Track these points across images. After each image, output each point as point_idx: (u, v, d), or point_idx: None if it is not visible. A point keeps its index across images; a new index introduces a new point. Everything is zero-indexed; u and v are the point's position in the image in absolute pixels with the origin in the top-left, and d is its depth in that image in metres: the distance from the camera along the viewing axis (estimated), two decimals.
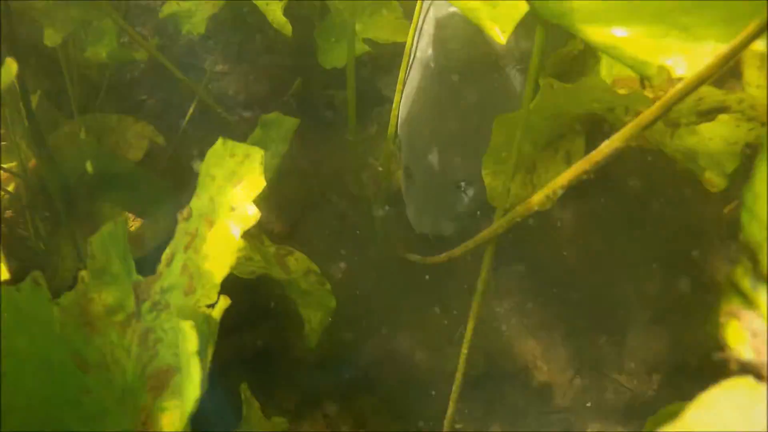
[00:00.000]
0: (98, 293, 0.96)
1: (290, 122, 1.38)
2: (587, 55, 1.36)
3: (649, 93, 1.05)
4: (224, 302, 0.87)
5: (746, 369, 0.51)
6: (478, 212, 1.57)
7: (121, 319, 0.96)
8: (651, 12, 0.75)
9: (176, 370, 0.92)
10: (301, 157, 1.82)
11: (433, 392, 1.52)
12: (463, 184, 1.50)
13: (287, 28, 1.49)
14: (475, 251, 1.19)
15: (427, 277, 1.63)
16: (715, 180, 1.11)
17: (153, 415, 0.92)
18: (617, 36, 0.78)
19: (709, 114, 0.97)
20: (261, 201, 1.43)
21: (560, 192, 0.92)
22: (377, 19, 1.77)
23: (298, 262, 1.38)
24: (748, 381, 0.45)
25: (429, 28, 1.52)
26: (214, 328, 0.80)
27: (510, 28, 0.96)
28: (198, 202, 1.00)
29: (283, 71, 2.06)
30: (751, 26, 0.59)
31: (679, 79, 0.74)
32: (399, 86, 1.53)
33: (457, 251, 1.23)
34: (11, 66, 0.75)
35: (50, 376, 0.90)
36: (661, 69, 0.77)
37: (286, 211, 1.71)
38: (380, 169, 1.60)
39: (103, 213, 1.64)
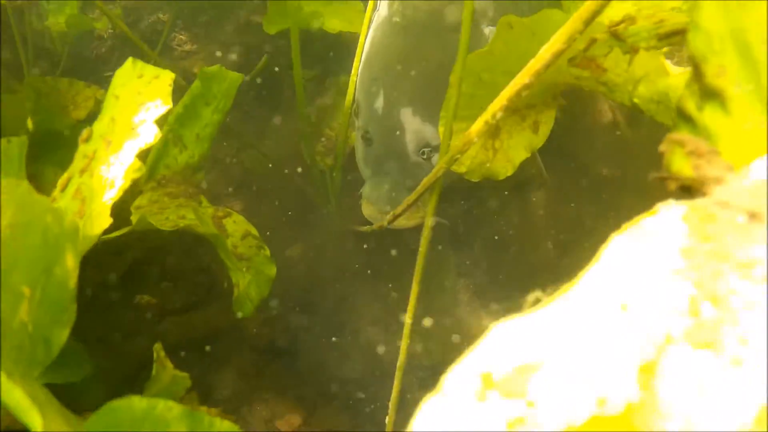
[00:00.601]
0: None
1: (233, 77, 1.29)
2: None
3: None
4: (104, 219, 0.78)
5: (684, 188, 0.46)
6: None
7: None
8: None
9: None
10: (256, 129, 1.75)
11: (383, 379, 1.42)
12: (426, 150, 1.35)
13: None
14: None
15: (379, 247, 1.54)
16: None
17: None
18: None
19: (670, 36, 0.88)
20: (204, 164, 1.37)
21: (500, 115, 0.83)
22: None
23: (236, 224, 1.29)
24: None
25: None
26: (70, 231, 0.70)
27: None
28: (99, 124, 0.91)
29: (251, 51, 2.00)
30: None
31: None
32: (360, 47, 1.46)
33: (399, 209, 1.14)
34: None
35: None
36: None
37: (231, 175, 1.63)
38: (326, 141, 1.52)
39: (46, 174, 1.56)
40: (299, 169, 1.61)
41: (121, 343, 1.35)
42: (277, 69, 1.87)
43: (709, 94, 0.50)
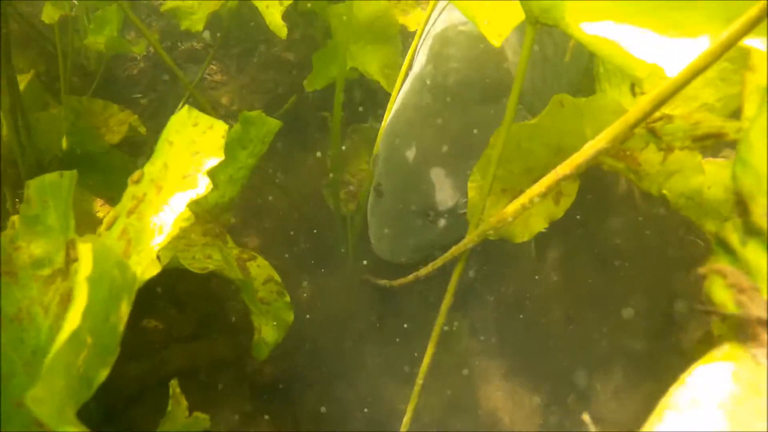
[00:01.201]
0: (27, 242, 0.89)
1: (272, 123, 1.33)
2: None
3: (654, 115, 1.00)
4: (153, 267, 0.81)
5: (730, 323, 0.48)
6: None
7: (47, 275, 0.89)
8: (643, 7, 0.71)
9: None
10: (283, 171, 1.78)
11: None
12: (432, 213, 1.37)
13: (283, 31, 1.48)
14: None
15: (395, 300, 1.57)
16: (714, 230, 1.05)
17: None
18: (607, 30, 0.74)
19: (704, 139, 0.92)
20: (233, 205, 1.40)
21: (537, 200, 0.87)
22: (370, 52, 1.75)
23: (260, 268, 1.32)
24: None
25: (432, 43, 1.48)
26: (130, 282, 0.74)
27: (506, 31, 0.93)
28: (151, 167, 0.94)
29: (280, 88, 2.04)
30: (747, 16, 0.54)
31: None
32: (392, 100, 1.49)
33: (423, 271, 1.18)
34: None
35: None
36: (653, 71, 0.73)
37: (259, 219, 1.66)
38: (351, 188, 1.55)
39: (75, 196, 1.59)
40: (320, 211, 1.65)
41: (124, 364, 1.37)
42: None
43: (754, 232, 0.53)
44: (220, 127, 0.94)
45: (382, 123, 1.49)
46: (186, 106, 0.97)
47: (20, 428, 0.87)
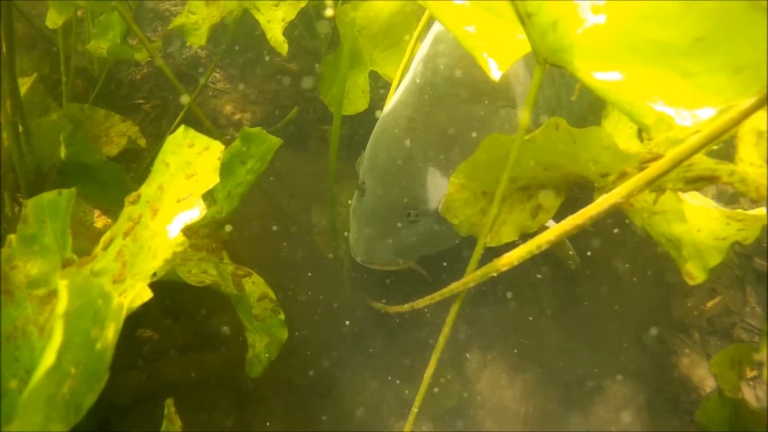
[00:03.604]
0: (24, 262, 0.90)
1: (273, 141, 1.33)
2: None
3: (645, 148, 1.00)
4: (144, 294, 0.81)
5: None
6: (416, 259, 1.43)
7: (42, 294, 0.90)
8: (651, 54, 0.71)
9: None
10: (282, 185, 1.79)
11: None
12: (413, 212, 1.34)
13: (283, 48, 1.49)
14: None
15: (391, 323, 1.57)
16: (695, 272, 1.06)
17: None
18: (616, 78, 0.75)
19: (697, 182, 0.92)
20: (231, 220, 1.40)
21: (545, 247, 0.88)
22: (391, 55, 1.75)
23: (255, 285, 1.32)
24: None
25: (425, 42, 1.48)
26: (116, 312, 0.74)
27: (506, 65, 0.93)
28: (147, 189, 0.95)
29: (283, 98, 2.04)
30: None
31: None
32: (388, 99, 1.49)
33: (421, 302, 1.17)
34: None
35: None
36: (661, 118, 0.74)
37: (255, 234, 1.66)
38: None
39: None
40: (319, 234, 1.66)
41: (117, 374, 1.38)
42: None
43: None
44: (215, 149, 0.94)
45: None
46: (182, 126, 0.97)
47: None
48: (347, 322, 1.50)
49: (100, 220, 1.59)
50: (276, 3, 1.59)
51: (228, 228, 1.37)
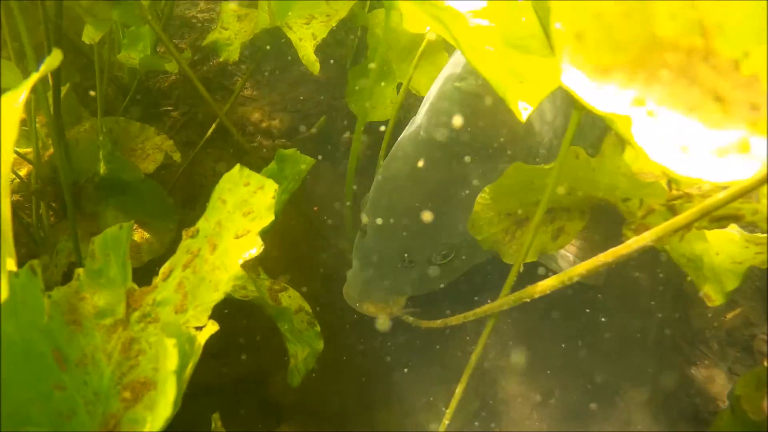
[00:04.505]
0: (91, 293, 0.96)
1: (306, 161, 1.38)
2: None
3: (673, 193, 1.04)
4: (212, 328, 0.87)
5: None
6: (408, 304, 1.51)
7: (109, 324, 0.96)
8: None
9: (153, 385, 0.93)
10: (310, 198, 1.84)
11: None
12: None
13: (315, 67, 1.53)
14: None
15: (421, 338, 1.62)
16: (713, 295, 1.11)
17: (121, 425, 0.92)
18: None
19: (721, 221, 0.97)
20: (264, 233, 1.45)
21: (575, 279, 0.93)
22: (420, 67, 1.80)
23: (291, 299, 1.38)
24: None
25: (431, 94, 1.53)
26: (197, 351, 0.81)
27: (534, 104, 0.96)
28: (205, 224, 1.01)
29: (310, 106, 2.09)
30: None
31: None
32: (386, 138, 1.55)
33: (454, 320, 1.23)
34: (57, 55, 0.77)
35: (28, 365, 0.90)
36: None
37: (287, 248, 1.71)
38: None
39: (107, 216, 1.66)
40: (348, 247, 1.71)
41: None
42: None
43: None
44: (270, 187, 1.00)
45: (379, 159, 1.56)
46: (238, 165, 1.03)
47: None
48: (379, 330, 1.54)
49: (137, 233, 1.65)
50: (308, 21, 1.63)
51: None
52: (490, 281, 1.62)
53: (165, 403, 0.66)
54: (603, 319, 1.61)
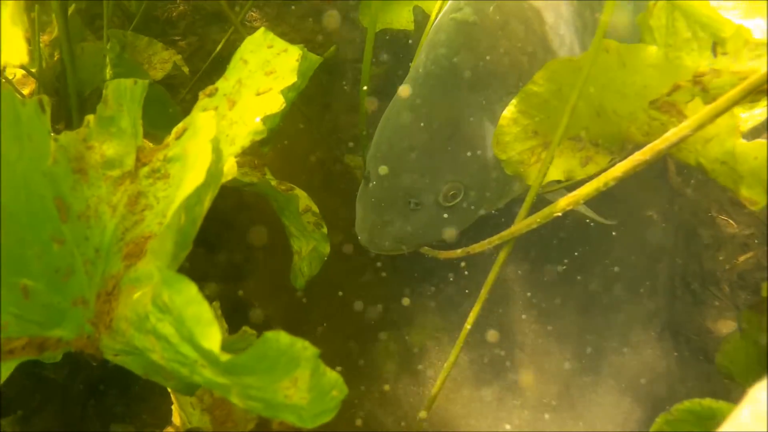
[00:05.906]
0: (100, 142, 0.91)
1: (312, 58, 1.30)
2: None
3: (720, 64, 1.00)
4: (234, 169, 0.83)
5: None
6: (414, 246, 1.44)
7: (116, 175, 0.91)
8: None
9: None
10: (313, 116, 1.79)
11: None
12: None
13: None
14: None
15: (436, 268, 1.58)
16: (755, 197, 1.06)
17: (120, 286, 0.87)
18: None
19: (752, 92, 0.92)
20: (272, 135, 1.40)
21: (611, 184, 0.90)
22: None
23: (298, 198, 1.33)
24: None
25: (428, 32, 1.48)
26: (219, 173, 0.75)
27: None
28: (224, 83, 0.96)
29: (319, 37, 2.05)
30: None
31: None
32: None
33: (476, 247, 1.19)
34: None
35: (28, 207, 0.84)
36: (739, 30, 0.74)
37: (294, 161, 1.67)
38: None
39: None
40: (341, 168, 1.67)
41: None
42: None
43: None
44: (294, 51, 0.96)
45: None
46: (262, 28, 0.99)
47: (74, 326, 0.89)
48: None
49: (144, 142, 1.59)
50: None
51: (269, 146, 1.37)
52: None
53: (198, 169, 0.61)
54: (615, 257, 1.57)
